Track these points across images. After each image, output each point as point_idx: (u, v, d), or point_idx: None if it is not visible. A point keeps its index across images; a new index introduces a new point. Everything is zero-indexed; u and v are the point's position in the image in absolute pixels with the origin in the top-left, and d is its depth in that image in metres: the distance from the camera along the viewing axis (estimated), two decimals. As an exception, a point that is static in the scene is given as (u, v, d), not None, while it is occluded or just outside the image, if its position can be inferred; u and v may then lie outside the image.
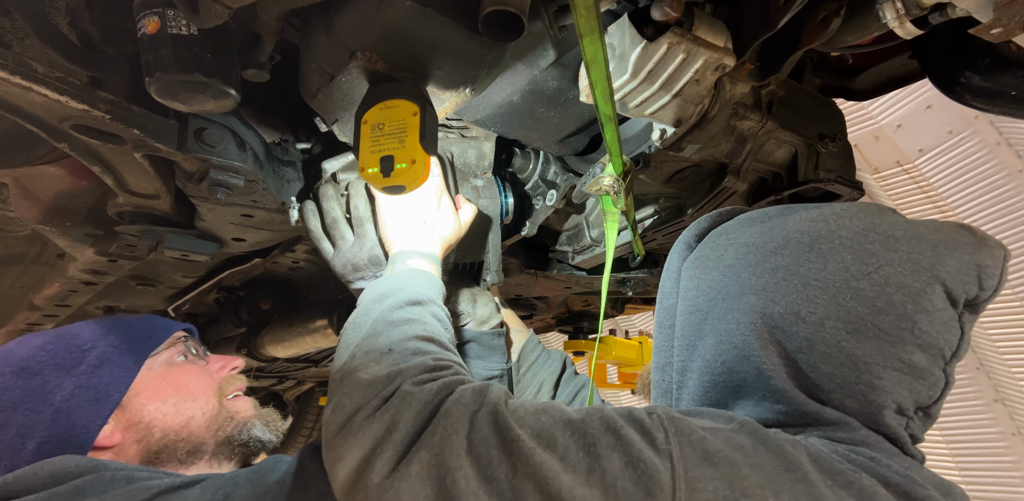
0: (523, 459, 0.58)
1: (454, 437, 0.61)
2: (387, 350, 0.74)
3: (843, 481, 0.59)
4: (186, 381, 0.99)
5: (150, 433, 0.92)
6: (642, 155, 1.17)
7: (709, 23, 0.91)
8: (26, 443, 0.84)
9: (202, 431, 0.97)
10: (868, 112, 5.17)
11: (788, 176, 1.26)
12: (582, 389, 1.34)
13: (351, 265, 1.08)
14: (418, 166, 0.84)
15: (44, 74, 0.83)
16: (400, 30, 0.81)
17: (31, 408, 0.85)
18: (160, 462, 0.93)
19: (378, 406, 0.66)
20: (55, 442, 0.85)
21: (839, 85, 1.43)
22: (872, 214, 0.74)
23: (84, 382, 0.89)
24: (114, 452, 0.90)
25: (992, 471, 5.41)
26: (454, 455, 0.59)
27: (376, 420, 0.65)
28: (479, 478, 0.58)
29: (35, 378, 0.88)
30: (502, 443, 0.59)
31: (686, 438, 0.60)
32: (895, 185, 5.39)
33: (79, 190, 1.21)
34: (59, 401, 0.87)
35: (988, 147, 4.77)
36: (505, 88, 1.11)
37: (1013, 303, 4.99)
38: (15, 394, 0.86)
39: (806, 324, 0.68)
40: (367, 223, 1.08)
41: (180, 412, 0.95)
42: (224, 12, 0.73)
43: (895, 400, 0.67)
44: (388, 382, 0.69)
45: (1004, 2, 0.74)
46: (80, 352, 0.92)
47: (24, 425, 0.84)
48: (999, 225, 4.86)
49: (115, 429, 0.90)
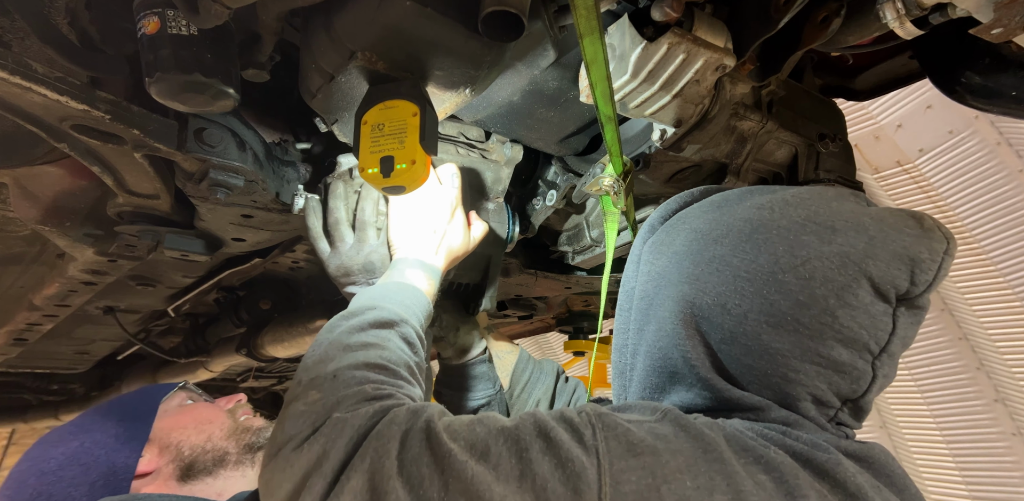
0: (455, 475, 0.57)
1: (385, 459, 0.59)
2: (331, 377, 0.72)
3: (754, 456, 0.62)
4: (199, 412, 1.16)
5: (180, 452, 1.07)
6: (642, 155, 1.17)
7: (709, 23, 0.90)
8: (83, 491, 0.98)
9: (223, 442, 1.11)
10: (868, 112, 5.17)
11: (788, 176, 1.26)
12: (574, 395, 1.35)
13: (344, 269, 1.06)
14: (418, 166, 0.84)
15: (44, 74, 0.83)
16: (400, 30, 0.81)
17: (78, 462, 1.01)
18: (193, 475, 1.06)
19: (307, 436, 0.64)
20: (104, 480, 0.99)
21: (839, 85, 1.43)
22: (822, 201, 0.73)
23: (112, 432, 1.06)
24: (154, 476, 1.04)
25: (992, 471, 5.41)
26: (385, 478, 0.57)
27: (305, 451, 0.62)
28: (411, 500, 0.57)
29: (72, 440, 1.04)
30: (434, 459, 0.59)
31: (612, 432, 0.61)
32: (895, 185, 5.39)
33: (79, 190, 1.21)
34: (97, 449, 1.03)
35: (988, 147, 4.77)
36: (505, 88, 1.11)
37: (1013, 303, 4.99)
38: (60, 452, 1.02)
39: (730, 316, 0.69)
40: (370, 228, 1.07)
41: (201, 431, 1.11)
42: (224, 12, 0.73)
43: (811, 392, 0.68)
44: (322, 411, 0.66)
45: (1004, 2, 0.74)
46: (99, 413, 1.11)
47: (75, 477, 0.99)
48: (999, 225, 4.86)
49: (151, 458, 1.05)
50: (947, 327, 5.53)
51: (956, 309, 5.43)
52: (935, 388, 5.72)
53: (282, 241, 1.50)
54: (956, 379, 5.58)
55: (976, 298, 5.18)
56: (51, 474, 0.99)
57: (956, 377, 5.57)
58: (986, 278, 5.05)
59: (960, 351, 5.50)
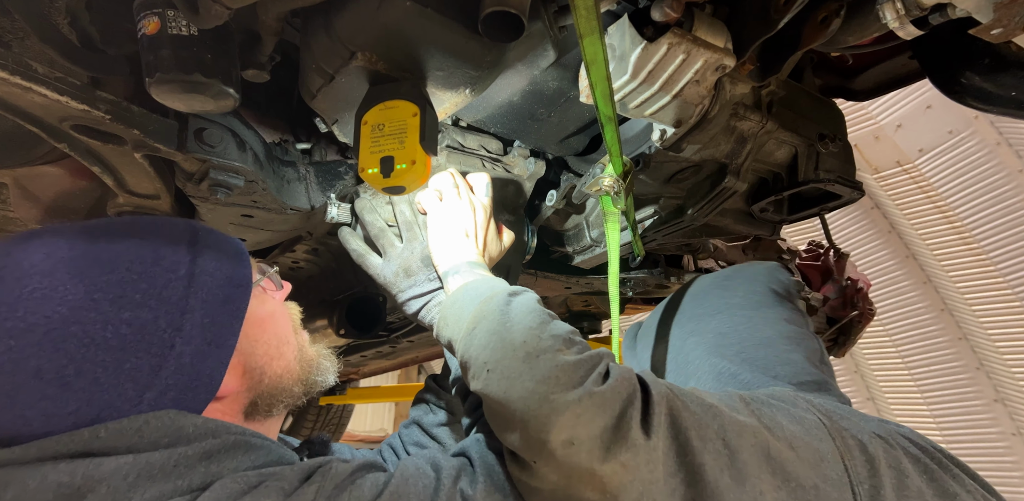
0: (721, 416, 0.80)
1: (674, 400, 0.74)
2: (568, 337, 0.77)
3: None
4: (278, 322, 0.84)
5: (261, 380, 0.78)
6: (642, 155, 1.17)
7: (709, 23, 0.91)
8: (144, 394, 0.65)
9: (296, 379, 0.83)
10: (868, 112, 5.17)
11: (788, 176, 1.27)
12: None
13: (403, 270, 1.02)
14: (418, 166, 0.84)
15: (44, 74, 0.83)
16: (400, 30, 0.81)
17: (146, 350, 0.66)
18: (253, 414, 0.78)
19: (603, 376, 0.71)
20: (177, 392, 0.67)
21: (839, 85, 1.43)
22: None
23: (199, 320, 0.71)
24: (225, 403, 0.75)
25: (992, 471, 5.41)
26: (679, 409, 0.74)
27: (612, 389, 0.70)
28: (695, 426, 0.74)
29: (141, 311, 0.67)
30: (703, 407, 0.79)
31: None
32: (895, 185, 5.39)
33: (79, 190, 1.21)
34: (180, 344, 0.69)
35: (988, 147, 4.77)
36: (505, 89, 1.11)
37: (1013, 303, 4.99)
38: (124, 331, 0.66)
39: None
40: (415, 227, 1.05)
41: (282, 355, 0.81)
42: (224, 12, 0.73)
43: None
44: (597, 358, 0.74)
45: (1004, 2, 0.74)
46: (179, 278, 0.72)
47: (139, 369, 0.65)
48: (999, 225, 4.86)
49: (234, 374, 0.74)
50: (947, 327, 5.53)
51: (956, 309, 5.43)
52: (935, 388, 5.72)
53: (282, 241, 1.50)
54: (956, 379, 5.58)
55: (976, 298, 5.18)
56: (104, 348, 0.64)
57: (956, 377, 5.57)
58: (986, 278, 5.04)
59: (960, 351, 5.50)
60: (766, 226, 1.39)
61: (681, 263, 1.90)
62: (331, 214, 1.16)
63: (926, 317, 5.61)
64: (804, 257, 2.37)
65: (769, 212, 1.35)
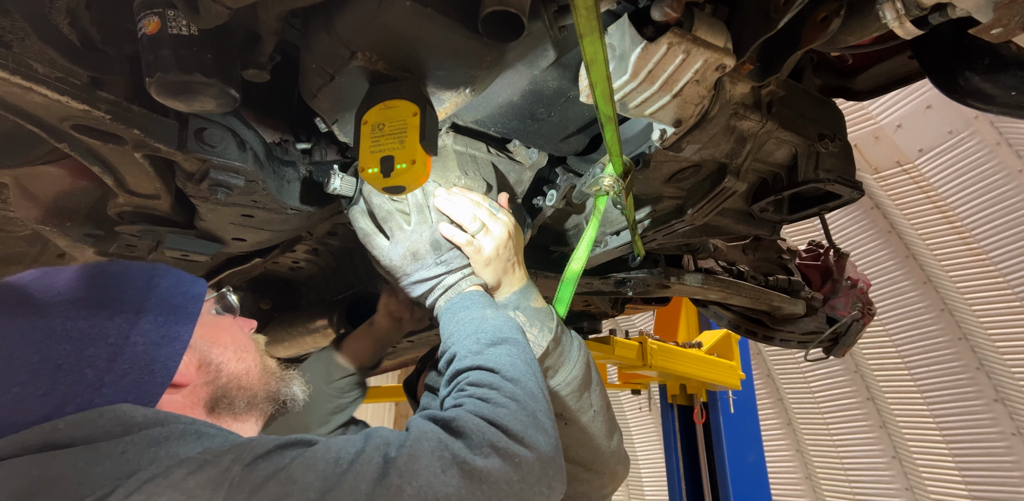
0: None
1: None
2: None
3: None
4: (236, 334, 0.93)
5: (218, 375, 0.85)
6: (642, 155, 1.17)
7: (709, 23, 0.91)
8: (103, 378, 0.73)
9: (256, 382, 0.91)
10: (868, 112, 5.18)
11: (788, 176, 1.27)
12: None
13: (411, 254, 1.02)
14: (418, 166, 0.84)
15: (44, 74, 0.83)
16: (400, 30, 0.81)
17: (105, 341, 0.75)
18: (220, 410, 0.86)
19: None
20: (134, 376, 0.76)
21: (839, 85, 1.43)
22: None
23: (153, 320, 0.80)
24: (184, 394, 0.82)
25: (992, 471, 5.42)
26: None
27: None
28: None
29: (102, 311, 0.78)
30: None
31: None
32: (895, 185, 5.40)
33: (79, 190, 1.21)
34: (135, 335, 0.78)
35: (988, 147, 4.77)
36: (505, 88, 1.11)
37: (1013, 303, 5.00)
38: (82, 325, 0.75)
39: None
40: (426, 209, 1.05)
41: (240, 359, 0.89)
42: (224, 12, 0.74)
43: None
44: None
45: (1004, 2, 0.74)
46: (139, 292, 0.83)
47: (98, 358, 0.74)
48: (999, 225, 4.86)
49: (189, 366, 0.82)
50: (947, 327, 5.53)
51: (956, 309, 5.43)
52: (935, 388, 5.72)
53: (282, 241, 1.50)
54: (956, 379, 5.58)
55: (976, 298, 5.18)
56: (65, 339, 0.74)
57: (956, 377, 5.57)
58: (986, 278, 5.05)
59: (960, 351, 5.50)
60: (766, 226, 1.39)
61: (681, 263, 1.90)
62: (333, 185, 1.15)
63: (926, 317, 5.62)
64: (804, 257, 2.37)
65: (769, 212, 1.35)
